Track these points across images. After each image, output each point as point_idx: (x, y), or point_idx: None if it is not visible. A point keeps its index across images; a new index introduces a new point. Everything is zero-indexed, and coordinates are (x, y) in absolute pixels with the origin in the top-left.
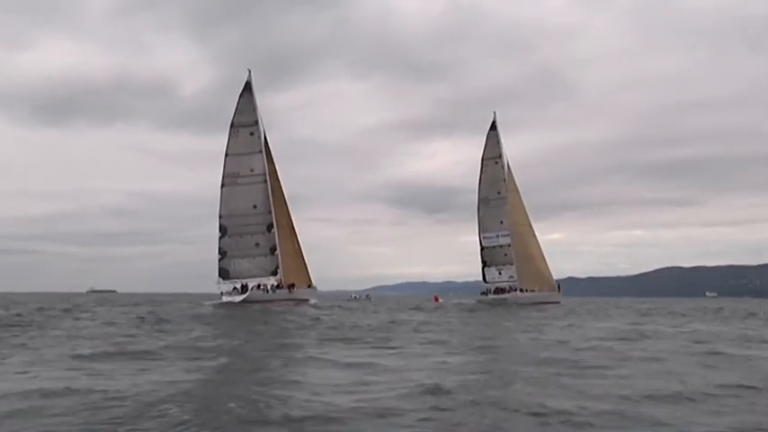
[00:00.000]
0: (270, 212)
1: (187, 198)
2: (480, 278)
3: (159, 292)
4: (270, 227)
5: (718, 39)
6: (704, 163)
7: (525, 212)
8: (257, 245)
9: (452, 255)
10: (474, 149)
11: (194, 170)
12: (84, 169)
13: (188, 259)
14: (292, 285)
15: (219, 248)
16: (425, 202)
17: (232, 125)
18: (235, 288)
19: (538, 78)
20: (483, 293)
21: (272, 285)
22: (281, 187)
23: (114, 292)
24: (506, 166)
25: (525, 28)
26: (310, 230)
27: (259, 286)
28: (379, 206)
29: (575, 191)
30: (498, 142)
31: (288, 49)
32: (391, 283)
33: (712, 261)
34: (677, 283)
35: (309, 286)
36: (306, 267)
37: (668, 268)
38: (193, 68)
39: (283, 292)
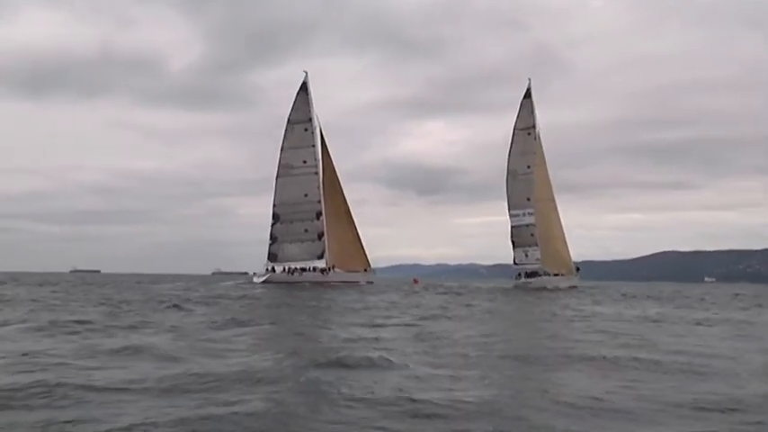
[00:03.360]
0: (319, 201)
1: (173, 177)
2: (474, 261)
3: (146, 273)
4: (318, 214)
5: (717, 19)
6: (702, 145)
7: (550, 186)
8: (306, 231)
9: (446, 237)
10: (469, 129)
11: (181, 148)
12: (66, 145)
13: (173, 239)
14: (327, 269)
15: (271, 234)
16: (419, 182)
17: (288, 121)
18: (267, 270)
19: (532, 57)
20: (518, 276)
21: (300, 268)
22: (337, 178)
23: (98, 272)
24: (538, 138)
25: (520, 6)
26: None
27: (284, 269)
28: (371, 186)
29: (569, 172)
30: (532, 112)
31: (279, 24)
32: (384, 265)
33: (711, 245)
34: (675, 267)
35: (366, 270)
36: (363, 252)
37: (665, 252)
38: (182, 43)
39: (314, 275)
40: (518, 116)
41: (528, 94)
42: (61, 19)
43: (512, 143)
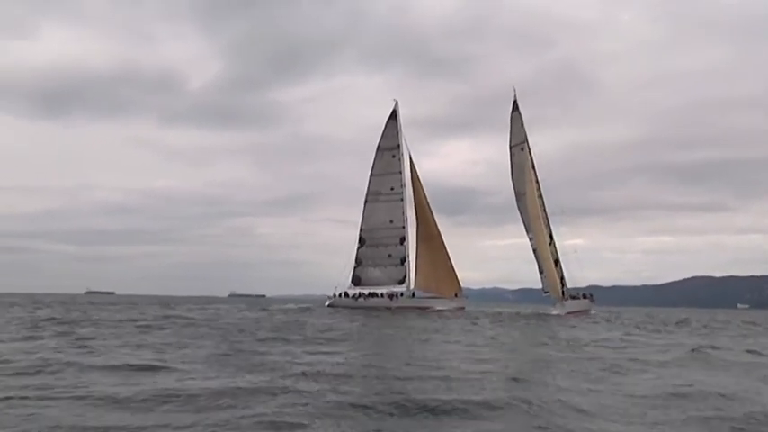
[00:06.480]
0: (403, 227)
1: (192, 196)
2: (498, 285)
3: (159, 295)
4: (402, 240)
5: (751, 34)
6: (736, 165)
7: (536, 205)
8: (389, 256)
9: (469, 260)
10: (493, 149)
11: (200, 167)
12: (84, 164)
13: (189, 260)
14: (397, 294)
15: (356, 257)
16: (443, 203)
17: (378, 148)
18: (334, 294)
19: (558, 75)
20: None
21: (365, 293)
22: (428, 203)
23: (113, 293)
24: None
25: (546, 22)
26: (322, 231)
27: (345, 294)
28: None
29: (597, 193)
30: (522, 125)
31: (299, 41)
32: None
33: (745, 270)
34: (707, 293)
35: (456, 295)
36: (455, 276)
37: (697, 277)
38: (201, 61)
39: (381, 300)
40: (510, 132)
41: (515, 107)
42: (81, 36)
43: (511, 162)
